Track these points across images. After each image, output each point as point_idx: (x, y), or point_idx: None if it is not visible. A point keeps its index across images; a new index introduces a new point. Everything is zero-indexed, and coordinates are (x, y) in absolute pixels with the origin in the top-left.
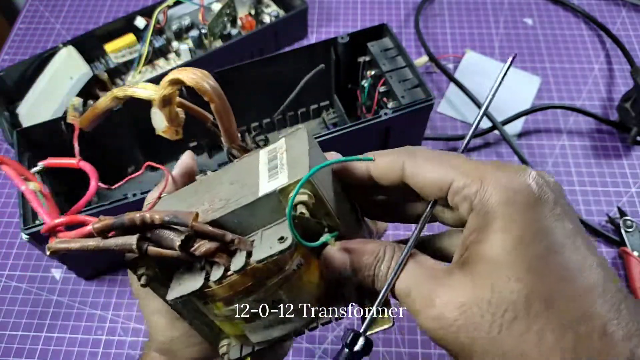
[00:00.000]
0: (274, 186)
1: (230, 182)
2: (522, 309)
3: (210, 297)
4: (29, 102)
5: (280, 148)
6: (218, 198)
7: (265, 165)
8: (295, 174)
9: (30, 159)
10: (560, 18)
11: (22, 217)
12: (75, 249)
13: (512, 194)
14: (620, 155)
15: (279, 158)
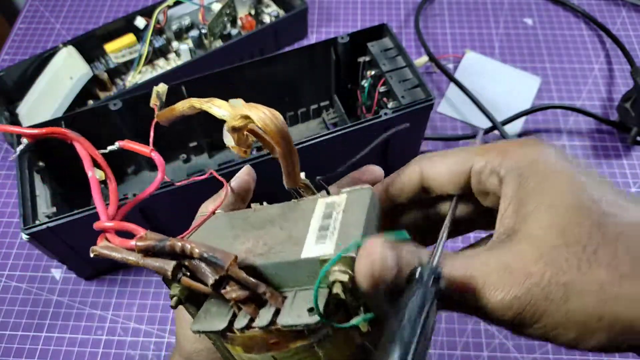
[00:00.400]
0: (317, 253)
1: (280, 227)
2: (598, 239)
3: (231, 339)
4: (29, 102)
5: (339, 206)
6: (263, 241)
7: (318, 221)
8: (343, 242)
9: (30, 159)
10: (560, 18)
11: (22, 217)
12: (117, 259)
13: (536, 155)
14: (620, 155)
15: (334, 217)
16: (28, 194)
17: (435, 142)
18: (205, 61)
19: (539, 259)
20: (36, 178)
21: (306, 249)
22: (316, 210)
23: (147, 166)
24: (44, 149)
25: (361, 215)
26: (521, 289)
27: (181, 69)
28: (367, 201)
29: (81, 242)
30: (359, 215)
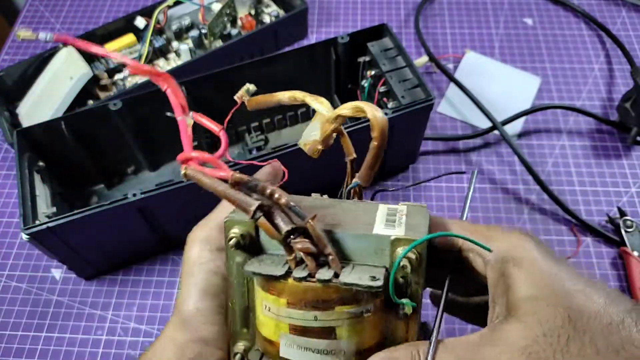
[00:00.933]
0: (389, 232)
1: (345, 212)
2: (570, 328)
3: (278, 290)
4: (29, 102)
5: (401, 211)
6: (331, 217)
7: (383, 216)
8: (412, 233)
9: (30, 159)
10: (560, 18)
11: (22, 217)
12: (206, 185)
13: (518, 246)
14: (620, 155)
15: (398, 217)
16: (28, 194)
17: (435, 142)
18: (205, 61)
19: (525, 348)
20: (36, 178)
21: (377, 229)
22: (379, 210)
23: (147, 166)
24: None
25: (424, 221)
26: None
27: (181, 69)
28: (427, 214)
29: (81, 242)
30: (422, 221)
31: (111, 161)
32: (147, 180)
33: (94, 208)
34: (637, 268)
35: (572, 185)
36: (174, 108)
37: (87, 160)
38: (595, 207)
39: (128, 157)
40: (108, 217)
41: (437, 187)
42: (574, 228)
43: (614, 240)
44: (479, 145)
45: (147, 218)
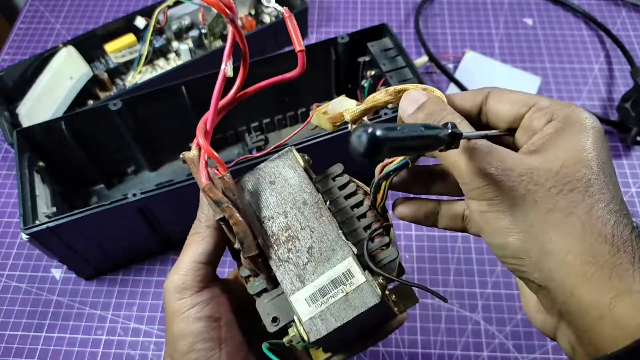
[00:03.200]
0: (298, 309)
1: (310, 245)
2: (582, 187)
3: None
4: (29, 102)
5: (349, 286)
6: (290, 245)
7: (326, 279)
8: (306, 326)
9: (30, 159)
10: (560, 18)
11: (22, 217)
12: (193, 173)
13: (579, 118)
14: (620, 156)
15: (334, 292)
16: (28, 194)
17: None
18: (205, 61)
19: (529, 169)
20: (36, 178)
21: (298, 295)
22: (338, 266)
23: (147, 166)
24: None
25: (346, 315)
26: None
27: (181, 69)
28: (362, 308)
29: (81, 242)
30: (346, 314)
31: (111, 161)
32: (147, 180)
33: (94, 208)
34: None
35: None
36: (226, 50)
37: (87, 160)
38: None
39: (128, 157)
40: (108, 217)
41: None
42: None
43: None
44: None
45: (147, 218)
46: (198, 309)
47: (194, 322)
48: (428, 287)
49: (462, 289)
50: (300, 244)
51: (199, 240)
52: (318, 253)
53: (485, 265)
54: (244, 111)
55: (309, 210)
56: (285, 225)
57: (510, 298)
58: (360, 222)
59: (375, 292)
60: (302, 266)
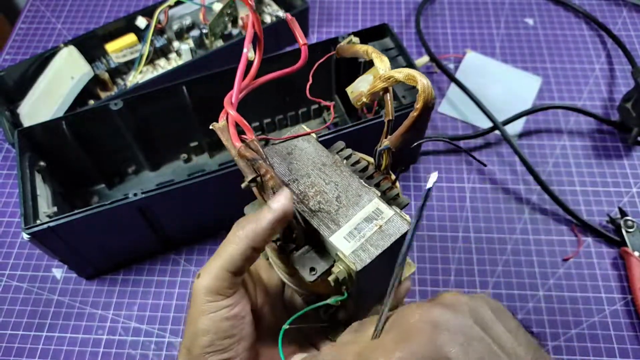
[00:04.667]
0: (339, 245)
1: (338, 197)
2: None
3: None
4: (29, 102)
5: (382, 219)
6: (318, 198)
7: (360, 218)
8: (355, 258)
9: (31, 159)
10: (561, 18)
11: (23, 216)
12: (224, 142)
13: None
14: (621, 156)
15: (370, 226)
16: (29, 193)
17: (436, 142)
18: (206, 61)
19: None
20: (37, 178)
21: (337, 235)
22: (367, 207)
23: (147, 166)
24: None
25: (385, 243)
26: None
27: (182, 69)
28: (397, 235)
29: (82, 242)
30: (384, 242)
31: (112, 161)
32: (147, 180)
33: (95, 208)
34: (637, 268)
35: (573, 185)
36: (247, 34)
37: (88, 160)
38: (596, 207)
39: (129, 157)
40: (109, 217)
41: (438, 187)
42: (575, 228)
43: (615, 241)
44: (480, 145)
45: (147, 218)
46: (226, 311)
47: (221, 322)
48: (427, 287)
49: (462, 289)
50: (328, 196)
51: (237, 250)
52: (346, 200)
53: (486, 265)
54: (245, 111)
55: (329, 169)
56: (310, 183)
57: (511, 298)
58: (371, 181)
59: (405, 220)
60: (335, 212)
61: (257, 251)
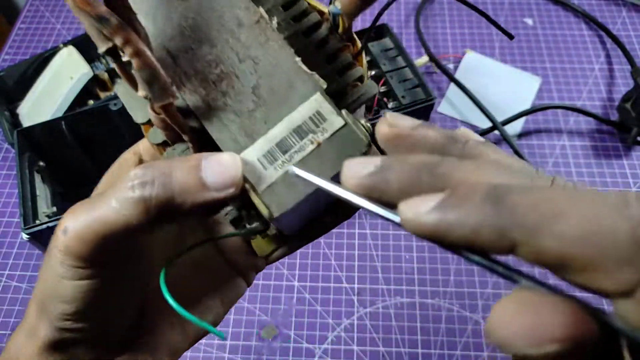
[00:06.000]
0: (250, 174)
1: (256, 90)
2: None
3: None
4: (29, 102)
5: (325, 130)
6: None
7: (289, 126)
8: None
9: (31, 159)
10: (561, 18)
11: (23, 217)
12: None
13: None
14: (621, 156)
15: (305, 142)
16: (28, 193)
17: None
18: None
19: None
20: (36, 178)
21: (247, 154)
22: (301, 108)
23: None
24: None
25: (322, 176)
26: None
27: None
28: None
29: None
30: (322, 173)
31: (111, 161)
32: None
33: None
34: None
35: None
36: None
37: (88, 160)
38: None
39: None
40: None
41: None
42: None
43: None
44: None
45: None
46: (94, 284)
47: (87, 293)
48: (427, 287)
49: (462, 289)
50: (240, 83)
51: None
52: (269, 93)
53: None
54: None
55: (247, 33)
56: (213, 58)
57: None
58: (321, 51)
59: (360, 137)
60: (248, 114)
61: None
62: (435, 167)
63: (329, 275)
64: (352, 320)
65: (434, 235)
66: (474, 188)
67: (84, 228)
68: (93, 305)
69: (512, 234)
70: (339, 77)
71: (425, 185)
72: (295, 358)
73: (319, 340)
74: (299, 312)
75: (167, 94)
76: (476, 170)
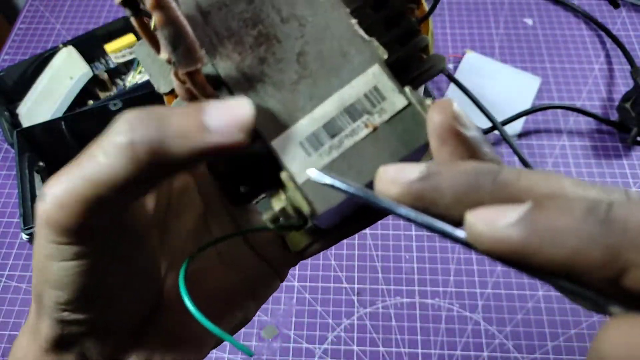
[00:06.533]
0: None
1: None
2: None
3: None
4: (29, 102)
5: (384, 111)
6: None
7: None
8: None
9: (30, 159)
10: (561, 18)
11: (22, 217)
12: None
13: None
14: (620, 156)
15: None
16: (28, 193)
17: None
18: None
19: None
20: (36, 178)
21: (286, 137)
22: (355, 82)
23: None
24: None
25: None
26: None
27: None
28: (409, 149)
29: None
30: (377, 163)
31: None
32: None
33: None
34: None
35: None
36: None
37: None
38: None
39: None
40: None
41: None
42: None
43: None
44: None
45: None
46: (84, 264)
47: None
48: (427, 287)
49: (462, 289)
50: (282, 49)
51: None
52: (317, 62)
53: (485, 265)
54: None
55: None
56: (251, 16)
57: (510, 298)
58: (380, 13)
59: (425, 123)
60: (291, 87)
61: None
62: (496, 174)
63: (328, 275)
64: (352, 320)
65: (518, 255)
66: (570, 200)
67: (64, 192)
68: (89, 290)
69: (627, 254)
70: (400, 46)
71: (487, 194)
72: (295, 358)
73: (319, 340)
74: (299, 312)
75: (195, 58)
76: (544, 180)
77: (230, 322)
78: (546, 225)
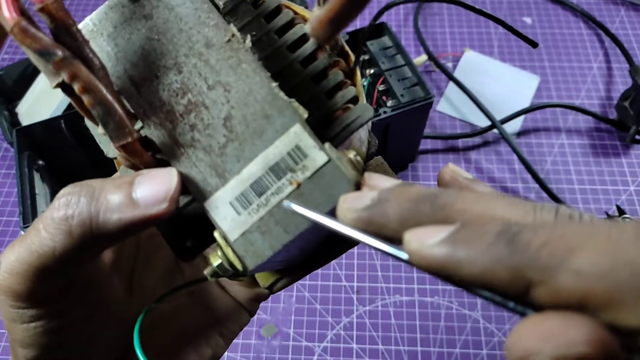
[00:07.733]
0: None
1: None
2: None
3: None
4: (28, 101)
5: (306, 168)
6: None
7: (263, 165)
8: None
9: (30, 158)
10: (559, 17)
11: (22, 215)
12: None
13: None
14: (619, 154)
15: (283, 182)
16: (28, 192)
17: (434, 141)
18: None
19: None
20: (36, 177)
21: (217, 198)
22: (279, 142)
23: None
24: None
25: (301, 223)
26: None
27: None
28: (329, 205)
29: None
30: (301, 220)
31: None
32: None
33: None
34: None
35: (571, 183)
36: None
37: (87, 159)
38: (594, 206)
39: None
40: None
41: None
42: None
43: None
44: (478, 144)
45: None
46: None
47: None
48: (426, 285)
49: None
50: (210, 115)
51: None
52: (242, 125)
53: None
54: None
55: (217, 55)
56: (180, 87)
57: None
58: (307, 70)
59: (346, 176)
60: (219, 150)
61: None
62: (434, 198)
63: (328, 273)
64: (352, 318)
65: (442, 270)
66: (485, 224)
67: (15, 261)
68: (55, 347)
69: (528, 274)
70: (327, 99)
71: (425, 217)
72: (294, 356)
73: (319, 338)
74: (298, 310)
75: (125, 133)
76: (477, 201)
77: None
78: (463, 246)
